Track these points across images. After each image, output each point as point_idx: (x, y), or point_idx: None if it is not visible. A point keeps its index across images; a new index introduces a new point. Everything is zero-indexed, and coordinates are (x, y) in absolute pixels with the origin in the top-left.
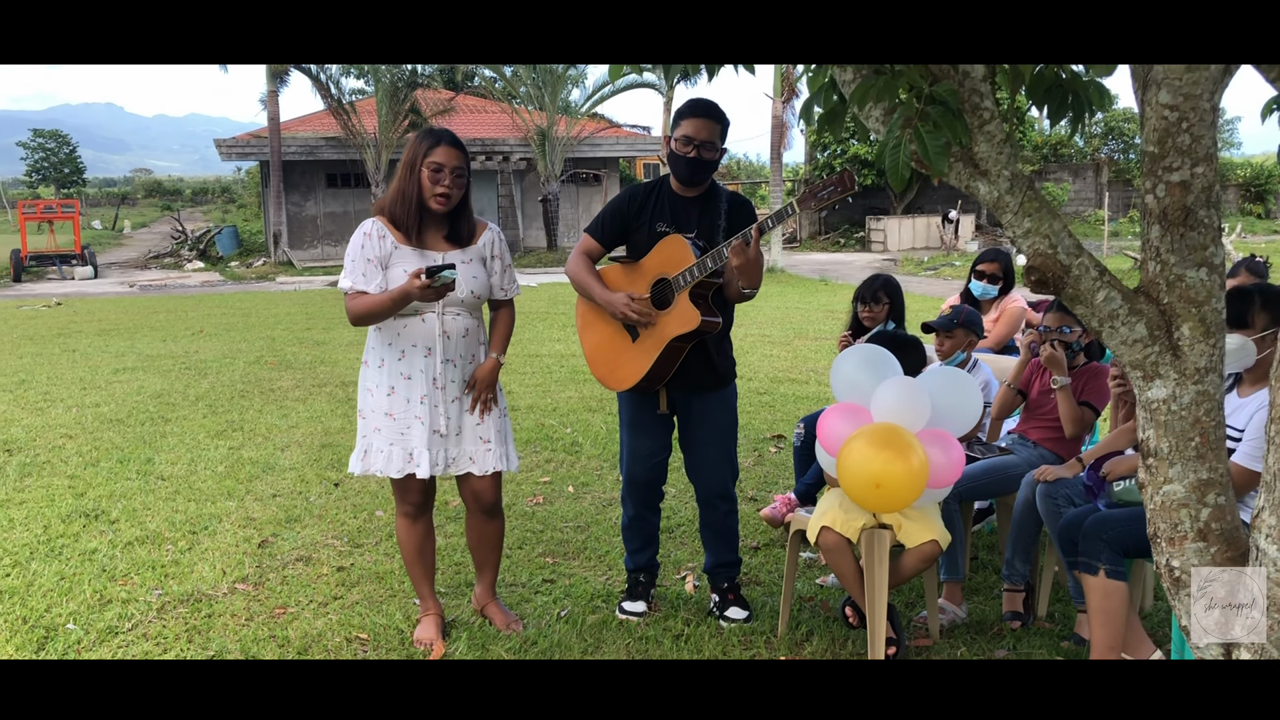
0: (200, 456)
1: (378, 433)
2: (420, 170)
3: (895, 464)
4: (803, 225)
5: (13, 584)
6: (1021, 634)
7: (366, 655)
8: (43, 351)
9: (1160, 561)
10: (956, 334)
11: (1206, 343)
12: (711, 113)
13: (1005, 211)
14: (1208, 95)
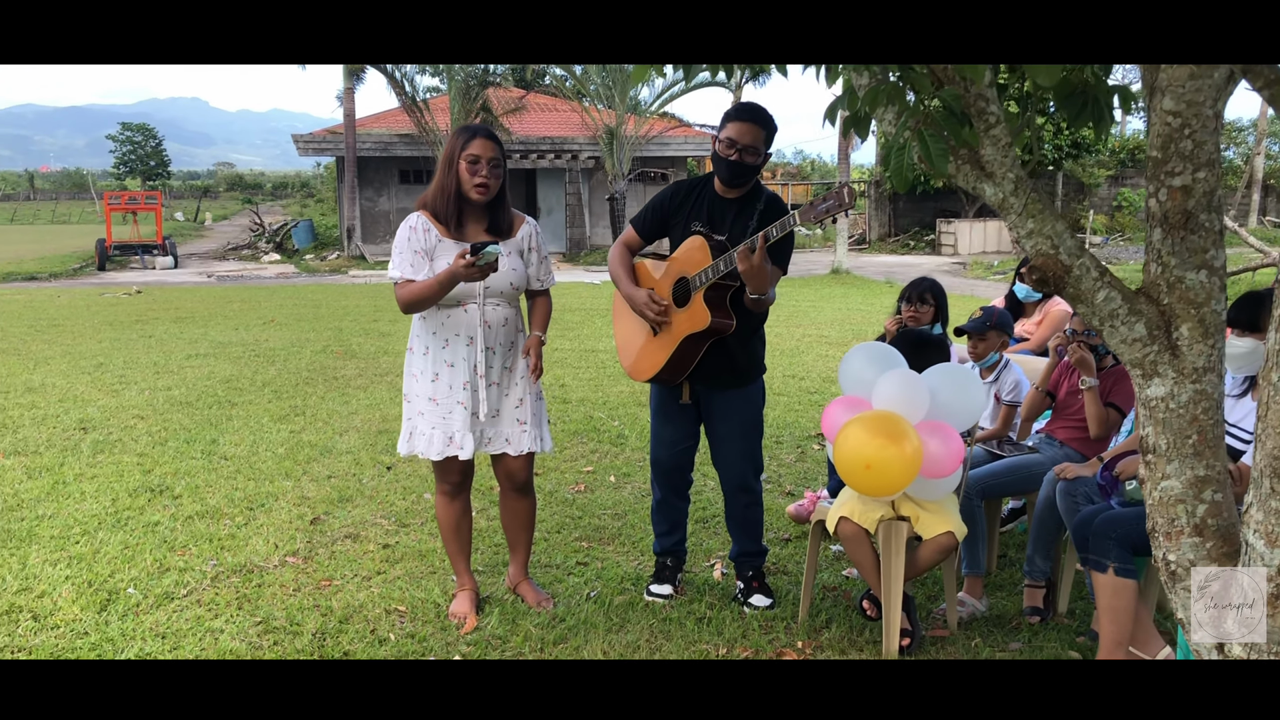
0: (262, 439)
1: (421, 416)
2: (458, 164)
3: (887, 449)
4: (872, 227)
5: (81, 551)
6: (1039, 629)
7: (404, 626)
8: (121, 337)
9: (1158, 556)
10: (989, 336)
11: (1205, 343)
12: (756, 117)
13: (1010, 213)
14: (1210, 102)
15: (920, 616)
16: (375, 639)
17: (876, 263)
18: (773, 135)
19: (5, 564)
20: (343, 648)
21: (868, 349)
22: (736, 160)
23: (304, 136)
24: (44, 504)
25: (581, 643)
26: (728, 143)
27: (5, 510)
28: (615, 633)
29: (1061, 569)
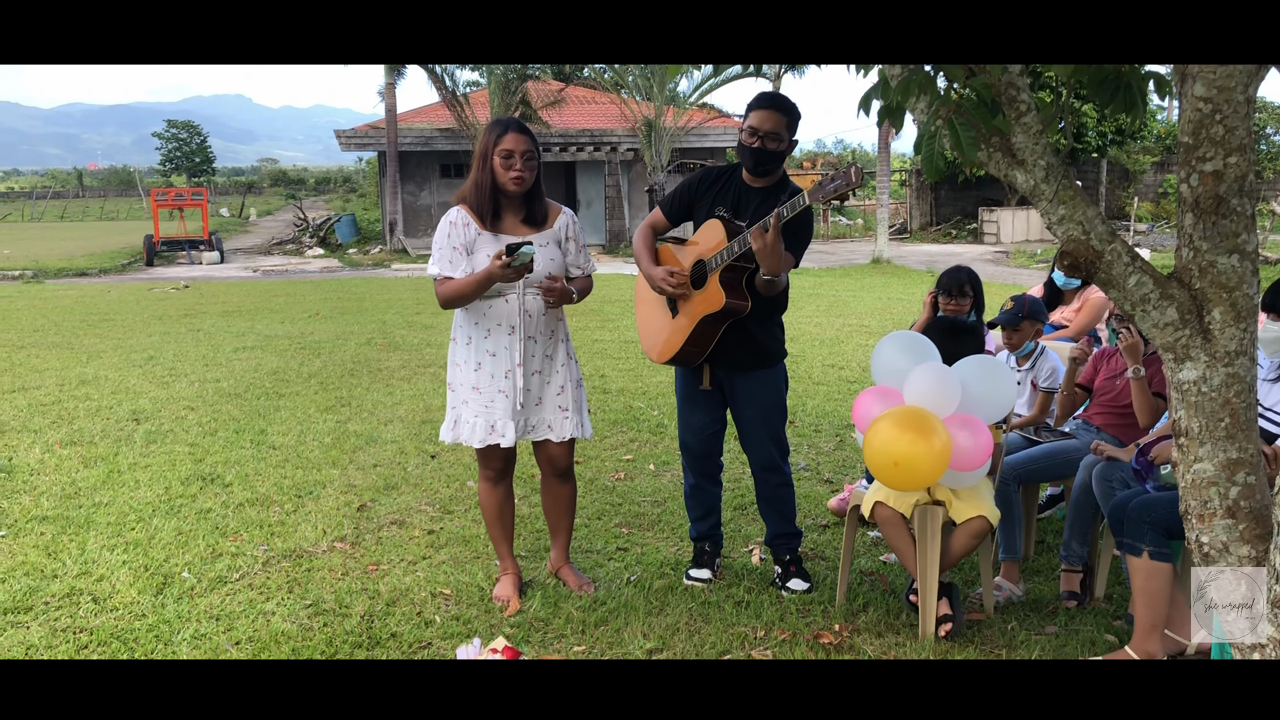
0: (309, 429)
1: (465, 405)
2: (493, 159)
3: (916, 445)
4: (914, 216)
5: (137, 536)
6: (1075, 613)
7: (449, 609)
8: (170, 330)
9: (1191, 538)
10: (1023, 327)
11: (1237, 327)
12: (778, 104)
13: (1041, 199)
14: (1241, 88)
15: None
16: (421, 621)
17: (918, 252)
18: (796, 122)
19: (65, 549)
20: (390, 629)
21: (900, 338)
22: (760, 148)
23: (346, 132)
24: (100, 492)
25: (622, 625)
26: (750, 131)
27: (64, 498)
28: (655, 615)
29: (1099, 554)
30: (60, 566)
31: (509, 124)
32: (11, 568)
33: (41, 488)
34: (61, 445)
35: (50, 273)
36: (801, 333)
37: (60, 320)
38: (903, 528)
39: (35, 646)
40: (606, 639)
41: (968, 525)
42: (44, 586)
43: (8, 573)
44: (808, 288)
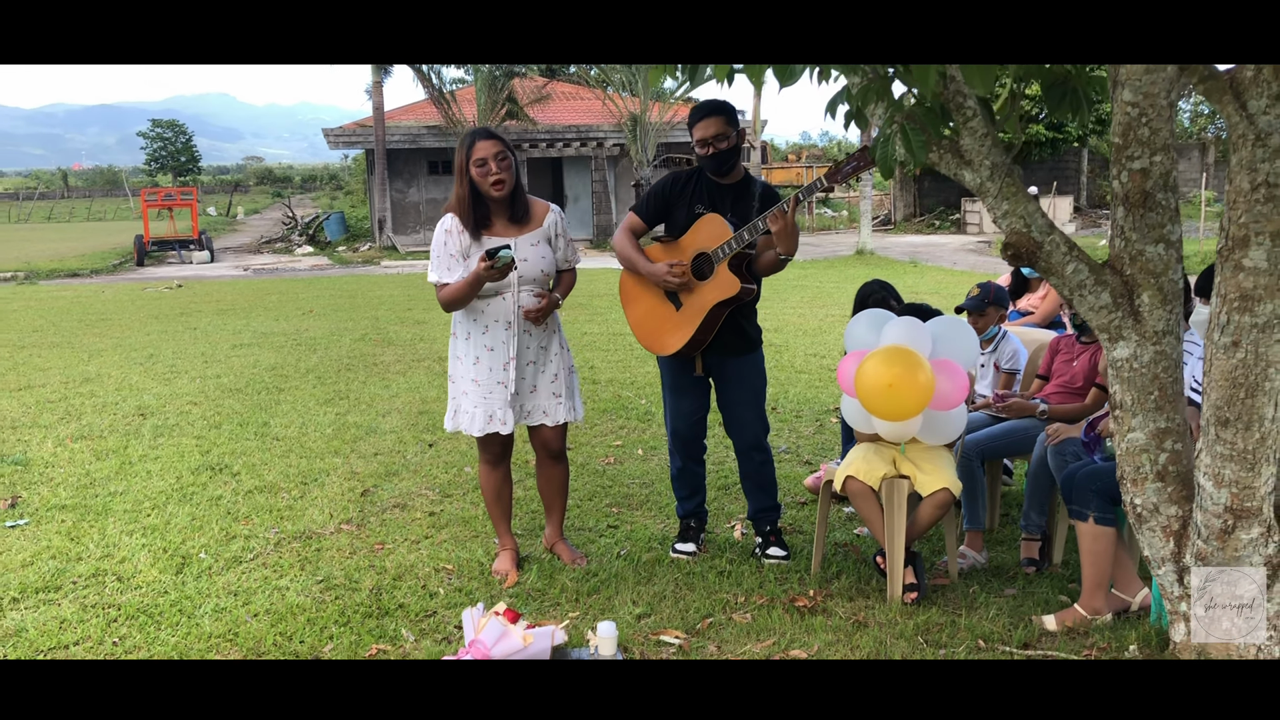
0: (310, 421)
1: (465, 396)
2: (469, 170)
3: (906, 374)
4: (897, 208)
5: (153, 522)
6: (1034, 578)
7: (452, 582)
8: (167, 329)
9: (1126, 500)
10: (988, 312)
11: (1164, 309)
12: (714, 110)
13: (987, 195)
14: (1164, 94)
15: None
16: (426, 593)
17: (902, 243)
18: (734, 115)
19: (87, 534)
20: (398, 600)
21: (870, 313)
22: (715, 153)
23: (334, 130)
24: (114, 482)
25: (612, 593)
26: (700, 142)
27: (80, 488)
28: (643, 585)
29: (1056, 523)
30: (84, 550)
31: (476, 134)
32: (38, 551)
33: (58, 479)
34: (72, 439)
35: (42, 274)
36: (785, 323)
37: (58, 320)
38: (872, 499)
39: (68, 621)
40: (598, 606)
41: (933, 497)
42: (71, 568)
43: (35, 556)
44: (792, 279)
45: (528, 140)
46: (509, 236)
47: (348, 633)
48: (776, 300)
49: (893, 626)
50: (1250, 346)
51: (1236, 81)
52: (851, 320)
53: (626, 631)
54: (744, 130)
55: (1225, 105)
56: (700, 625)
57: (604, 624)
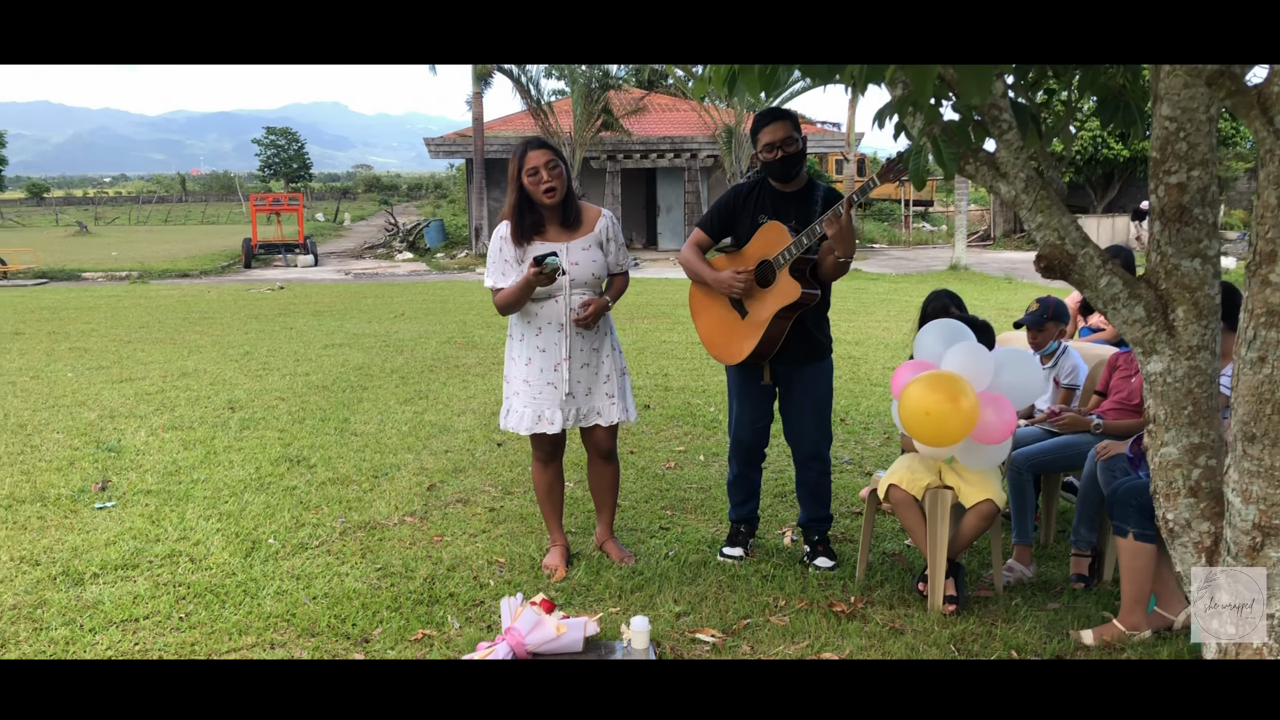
0: (389, 418)
1: (517, 396)
2: (522, 180)
3: (946, 403)
4: (997, 223)
5: (230, 509)
6: (1080, 593)
7: (502, 575)
8: (265, 329)
9: (1159, 515)
10: (1048, 327)
11: (1199, 324)
12: (778, 115)
13: (1022, 208)
14: (1203, 108)
15: (970, 580)
16: (477, 584)
17: (999, 259)
18: (797, 121)
19: (167, 518)
20: (449, 590)
21: (943, 323)
22: (781, 158)
23: (435, 139)
24: (198, 470)
25: (655, 592)
26: (767, 147)
27: (166, 475)
28: (687, 585)
29: (1107, 540)
30: (162, 532)
31: (528, 144)
32: (120, 532)
33: (146, 466)
34: (164, 429)
35: (155, 273)
36: (868, 335)
37: (164, 318)
38: (915, 508)
39: (141, 596)
40: (640, 603)
41: (977, 508)
42: (148, 548)
43: (117, 536)
44: (881, 293)
45: (622, 151)
46: (561, 242)
47: (397, 617)
48: (863, 314)
49: (928, 634)
50: (1277, 362)
51: (1264, 96)
52: (923, 328)
53: (663, 628)
54: (807, 137)
55: (1253, 120)
56: (737, 626)
57: (637, 618)
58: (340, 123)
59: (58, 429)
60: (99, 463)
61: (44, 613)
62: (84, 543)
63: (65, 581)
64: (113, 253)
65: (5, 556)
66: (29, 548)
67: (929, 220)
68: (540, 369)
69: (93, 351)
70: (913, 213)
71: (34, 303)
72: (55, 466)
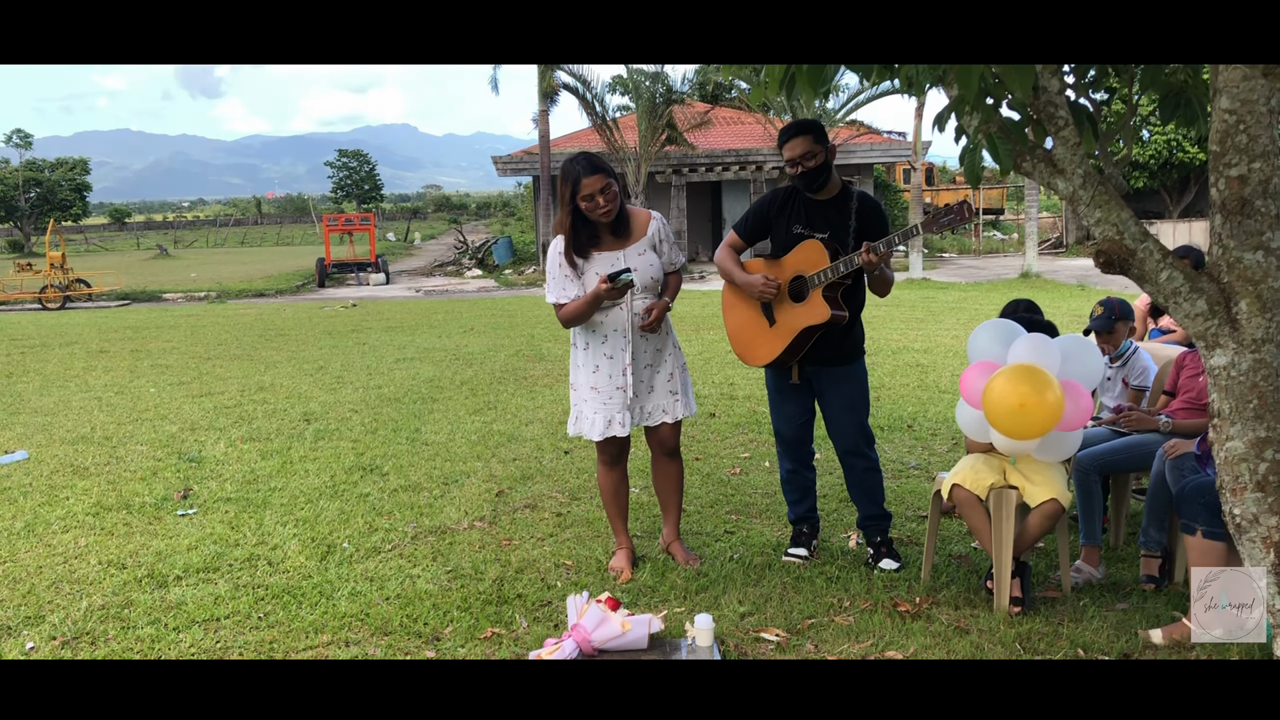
0: (459, 428)
1: (586, 403)
2: (577, 204)
3: (1035, 395)
4: (1069, 230)
5: (306, 515)
6: (1150, 594)
7: (570, 577)
8: (338, 344)
9: (1226, 510)
10: (1118, 329)
11: (1263, 316)
12: (800, 130)
13: (1080, 203)
14: (1263, 100)
15: (1037, 582)
16: (544, 585)
17: (1072, 266)
18: (821, 133)
19: (246, 524)
20: (517, 591)
21: (994, 323)
22: (804, 171)
23: (502, 158)
24: (275, 479)
25: (720, 593)
26: (789, 162)
27: (244, 484)
28: (751, 586)
29: (1177, 540)
30: (241, 537)
31: (580, 169)
32: (202, 537)
33: (226, 475)
34: (242, 441)
35: (232, 293)
36: (937, 344)
37: (241, 335)
38: (979, 508)
39: (221, 597)
40: (705, 604)
41: (1041, 507)
42: (229, 552)
43: (199, 541)
44: (951, 302)
45: (687, 165)
46: (616, 251)
47: (467, 617)
48: (931, 321)
49: (993, 634)
50: None
51: None
52: (975, 330)
53: (728, 627)
54: (834, 147)
55: None
56: (801, 625)
57: (701, 616)
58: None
59: (141, 441)
60: (180, 472)
61: (131, 612)
62: (167, 547)
63: (150, 584)
64: (191, 274)
65: (94, 560)
66: (116, 552)
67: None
68: (609, 375)
69: (173, 368)
70: (983, 221)
71: (117, 322)
72: (139, 476)
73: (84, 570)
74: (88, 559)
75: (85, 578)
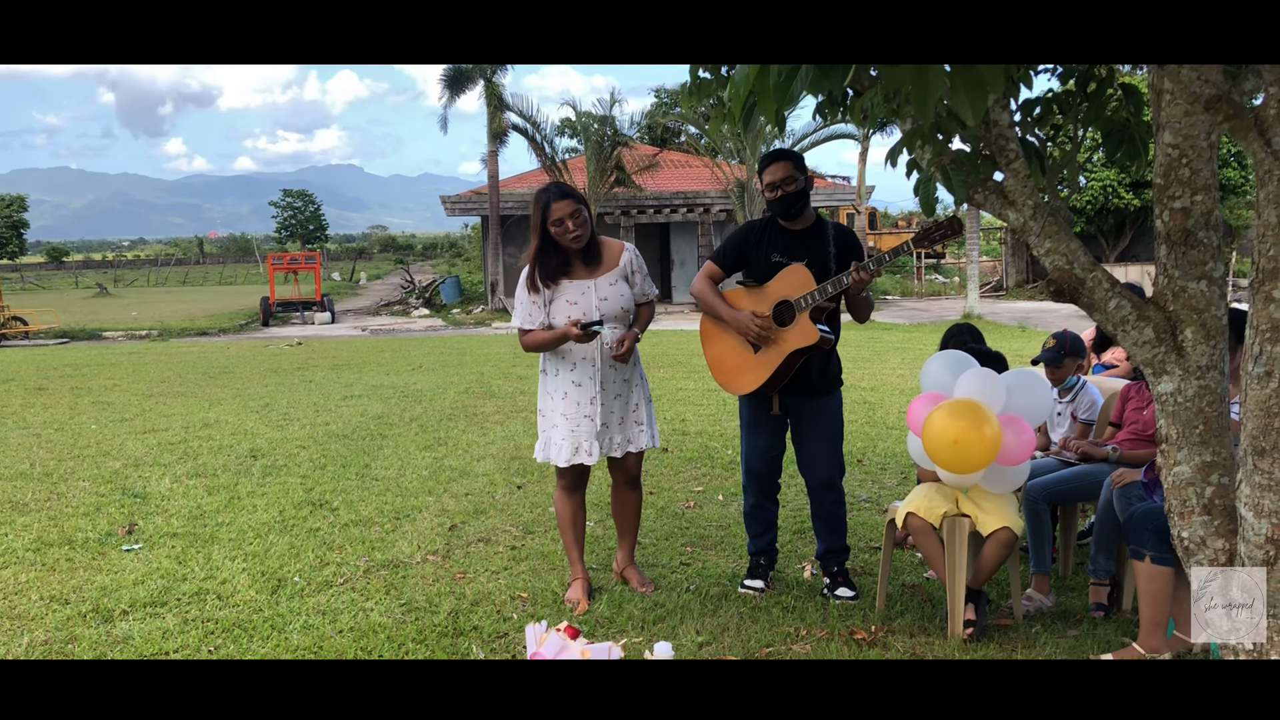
0: (409, 464)
1: (555, 429)
2: (548, 229)
3: (971, 430)
4: (1009, 274)
5: (255, 549)
6: (1100, 622)
7: (525, 609)
8: (284, 382)
9: (1174, 534)
10: (1065, 364)
11: (1207, 344)
12: (780, 155)
13: (1030, 234)
14: (1204, 135)
15: (989, 610)
16: (500, 617)
17: (1013, 309)
18: (801, 161)
19: (193, 559)
20: (473, 623)
21: (947, 354)
22: (783, 195)
23: (451, 197)
24: (222, 514)
25: (677, 623)
26: (769, 186)
27: (190, 519)
28: (709, 616)
29: (1126, 568)
30: (189, 571)
31: (550, 194)
32: (148, 572)
33: (171, 510)
34: (188, 477)
35: (174, 332)
36: (883, 382)
37: (184, 373)
38: (933, 536)
39: (170, 631)
40: (663, 634)
41: (995, 536)
42: (176, 587)
43: (145, 575)
44: (896, 342)
45: (635, 206)
46: (589, 280)
47: (423, 649)
48: (877, 361)
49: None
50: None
51: (1261, 119)
52: (929, 360)
53: (685, 656)
54: (813, 177)
55: (1251, 143)
56: (759, 653)
57: (660, 644)
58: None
59: (83, 477)
60: (125, 508)
61: (75, 647)
62: (112, 582)
63: (95, 618)
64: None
65: (35, 596)
66: (58, 587)
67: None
68: (577, 402)
69: (115, 405)
70: (924, 264)
71: (56, 360)
72: (82, 512)
73: (25, 606)
74: (28, 594)
75: (26, 613)
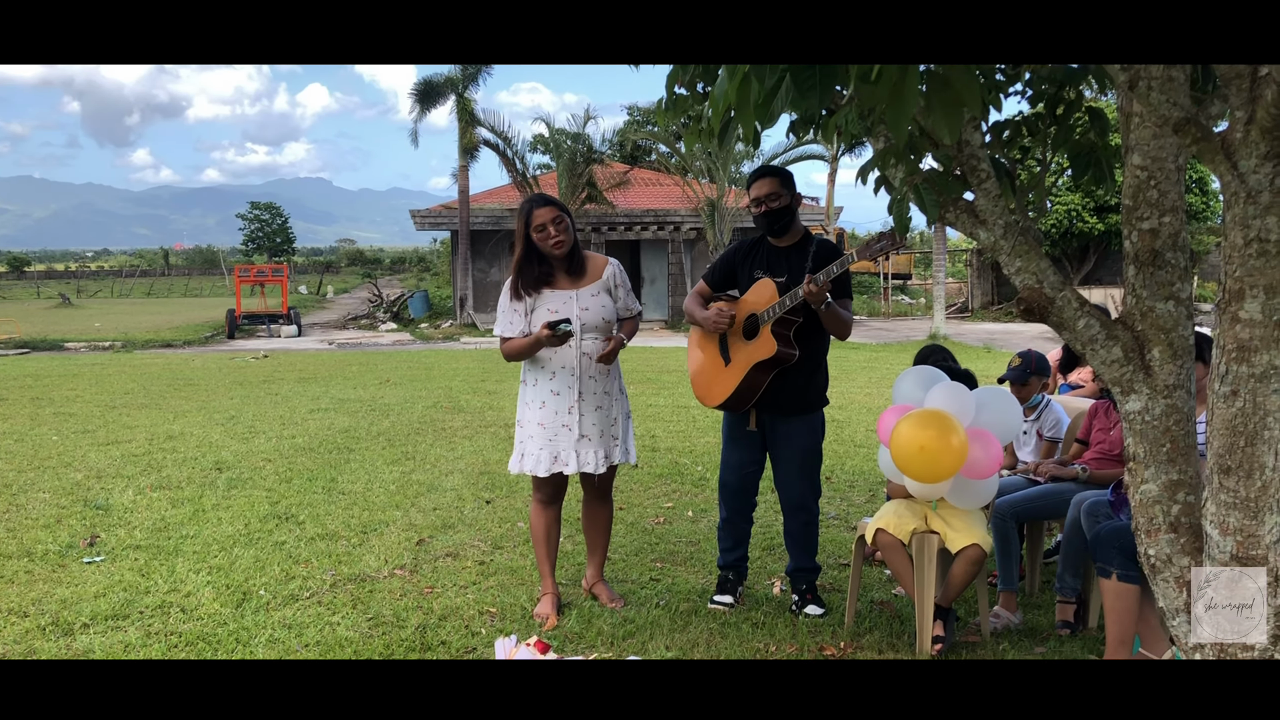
0: (376, 478)
1: (531, 439)
2: (530, 236)
3: (938, 439)
4: (974, 295)
5: (220, 562)
6: (1066, 639)
7: (494, 624)
8: (250, 394)
9: (1141, 551)
10: (1031, 382)
11: (1174, 363)
12: (767, 172)
13: (1001, 253)
14: (1172, 157)
15: (957, 627)
16: (469, 632)
17: (978, 330)
18: (788, 178)
19: (157, 571)
20: (440, 638)
21: (918, 370)
22: (768, 211)
23: (421, 212)
24: (186, 527)
25: (647, 639)
26: (755, 201)
27: (154, 531)
28: (679, 632)
29: (1092, 586)
30: (153, 584)
31: (533, 202)
32: (110, 585)
33: (135, 523)
34: (152, 489)
35: (139, 343)
36: (851, 400)
37: (148, 384)
38: (901, 552)
39: (132, 645)
40: (633, 649)
41: (964, 553)
42: (139, 600)
43: (107, 589)
44: (862, 361)
45: (606, 223)
46: (571, 290)
47: None
48: (844, 379)
49: None
50: (1248, 396)
51: (1227, 142)
52: (900, 375)
53: None
54: (800, 195)
55: (1218, 165)
56: None
57: (631, 659)
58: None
59: (44, 489)
60: (86, 520)
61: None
62: (73, 595)
63: (55, 631)
64: (95, 324)
65: None
66: (16, 600)
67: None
68: (555, 411)
69: (78, 416)
70: (891, 285)
71: (16, 370)
72: (42, 524)
73: None
74: None
75: None
